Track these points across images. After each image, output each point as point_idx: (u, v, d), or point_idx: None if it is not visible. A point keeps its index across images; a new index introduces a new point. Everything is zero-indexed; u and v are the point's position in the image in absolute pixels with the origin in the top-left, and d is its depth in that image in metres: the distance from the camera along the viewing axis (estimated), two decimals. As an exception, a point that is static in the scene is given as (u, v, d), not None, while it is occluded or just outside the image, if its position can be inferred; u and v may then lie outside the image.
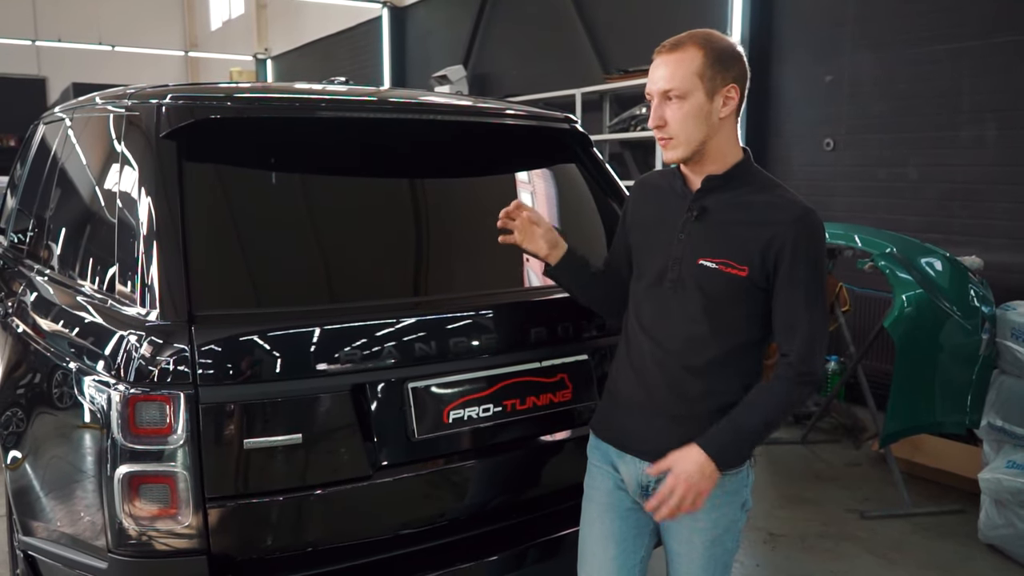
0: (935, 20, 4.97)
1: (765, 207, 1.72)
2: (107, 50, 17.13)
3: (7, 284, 3.05)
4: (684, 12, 6.69)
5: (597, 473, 1.92)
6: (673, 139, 1.72)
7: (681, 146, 1.72)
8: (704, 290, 1.73)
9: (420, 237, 2.23)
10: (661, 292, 1.78)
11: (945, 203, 4.99)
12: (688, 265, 1.74)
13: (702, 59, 1.70)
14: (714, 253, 1.72)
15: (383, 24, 11.35)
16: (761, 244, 1.68)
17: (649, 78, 1.75)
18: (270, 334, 1.84)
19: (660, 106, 1.72)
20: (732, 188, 1.75)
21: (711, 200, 1.75)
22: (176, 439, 1.74)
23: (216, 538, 1.80)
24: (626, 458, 1.85)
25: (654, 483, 1.78)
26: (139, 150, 2.04)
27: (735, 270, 1.70)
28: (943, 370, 3.66)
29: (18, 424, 2.32)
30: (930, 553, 3.48)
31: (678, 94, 1.69)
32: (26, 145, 3.74)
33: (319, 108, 2.17)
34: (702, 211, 1.75)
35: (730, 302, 1.73)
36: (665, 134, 1.72)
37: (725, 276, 1.70)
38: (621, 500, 1.88)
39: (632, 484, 1.85)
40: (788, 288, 1.69)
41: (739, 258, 1.70)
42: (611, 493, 1.89)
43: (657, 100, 1.72)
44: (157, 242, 1.86)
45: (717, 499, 1.78)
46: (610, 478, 1.89)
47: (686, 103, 1.69)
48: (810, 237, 1.69)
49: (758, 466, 4.49)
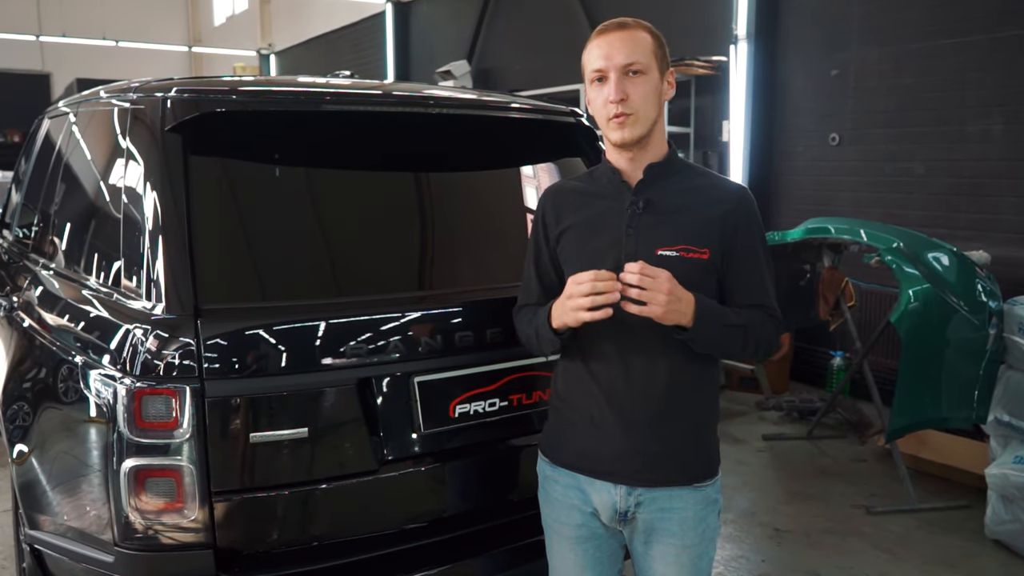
0: (940, 14, 4.94)
1: (709, 189, 1.74)
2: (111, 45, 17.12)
3: (12, 279, 3.05)
4: (689, 6, 6.67)
5: (562, 506, 1.80)
6: (633, 115, 1.66)
7: (640, 123, 1.67)
8: None
9: (426, 231, 2.22)
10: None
11: (951, 198, 4.97)
12: (645, 259, 1.63)
13: (651, 40, 1.70)
14: (671, 241, 1.67)
15: (387, 19, 11.34)
16: (718, 224, 1.69)
17: (600, 56, 1.68)
18: (276, 328, 1.84)
19: (621, 81, 1.66)
20: (671, 175, 1.74)
21: (654, 190, 1.71)
22: (182, 433, 1.74)
23: (222, 532, 1.79)
24: (597, 484, 1.74)
25: (633, 508, 1.72)
26: (144, 144, 2.03)
27: (697, 254, 1.67)
28: (950, 365, 3.64)
29: (24, 418, 2.32)
30: (936, 548, 3.47)
31: (640, 68, 1.66)
32: (30, 140, 3.74)
33: (324, 102, 2.16)
34: (648, 202, 1.70)
35: (695, 289, 1.64)
36: (627, 109, 1.66)
37: (688, 262, 1.66)
38: (593, 529, 1.78)
39: (607, 511, 1.75)
40: (751, 261, 1.72)
41: (699, 241, 1.67)
42: (581, 525, 1.78)
43: (616, 75, 1.66)
44: (163, 236, 1.86)
45: (700, 512, 1.74)
46: (577, 510, 1.78)
47: (647, 79, 1.67)
48: (755, 212, 1.76)
49: (763, 461, 4.49)
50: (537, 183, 2.50)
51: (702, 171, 1.82)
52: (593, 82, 1.71)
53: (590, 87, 1.73)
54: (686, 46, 6.51)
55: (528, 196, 2.43)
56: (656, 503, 1.72)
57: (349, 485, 1.91)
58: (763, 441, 4.80)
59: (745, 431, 4.98)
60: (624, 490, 1.72)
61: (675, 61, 6.35)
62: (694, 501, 1.73)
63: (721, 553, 3.44)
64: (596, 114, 1.74)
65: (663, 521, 1.73)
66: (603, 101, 1.68)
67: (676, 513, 1.72)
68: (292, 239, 2.03)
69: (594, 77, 1.70)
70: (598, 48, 1.69)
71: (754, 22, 5.97)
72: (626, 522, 1.75)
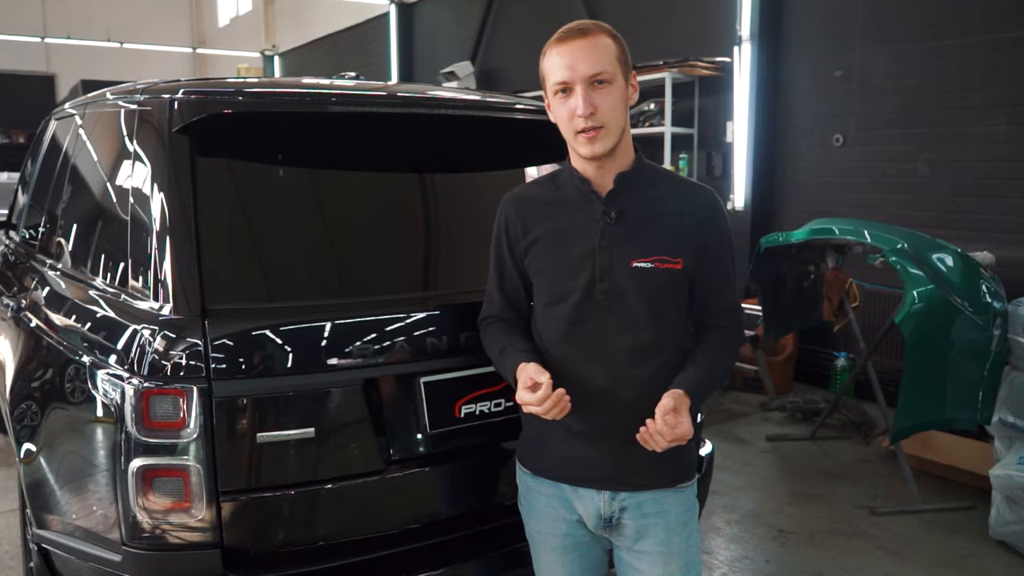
0: (945, 15, 4.94)
1: (676, 196, 1.71)
2: (115, 47, 17.18)
3: (20, 280, 3.06)
4: (692, 7, 6.67)
5: (546, 517, 1.79)
6: (603, 127, 1.60)
7: (611, 135, 1.61)
8: (643, 293, 1.65)
9: (432, 232, 2.23)
10: (592, 308, 1.66)
11: (956, 199, 4.96)
12: (621, 271, 1.64)
13: (615, 45, 1.62)
14: (645, 252, 1.64)
15: (390, 20, 11.35)
16: (691, 232, 1.68)
17: (563, 66, 1.60)
18: (283, 328, 1.85)
19: (588, 93, 1.58)
20: (639, 184, 1.68)
21: (624, 200, 1.66)
22: (189, 433, 1.75)
23: (229, 531, 1.80)
24: (580, 491, 1.73)
25: (617, 513, 1.72)
26: (151, 145, 2.04)
27: (671, 264, 1.65)
28: (954, 366, 3.64)
29: (32, 418, 2.33)
30: (940, 549, 3.47)
31: (607, 77, 1.59)
32: (37, 142, 3.75)
33: (331, 103, 2.16)
34: (620, 213, 1.65)
35: (670, 299, 1.68)
36: (596, 122, 1.59)
37: (663, 273, 1.65)
38: (579, 538, 1.78)
39: (592, 518, 1.74)
40: (720, 270, 1.73)
41: (672, 251, 1.66)
42: (568, 535, 1.78)
43: (583, 87, 1.58)
44: (170, 237, 1.87)
45: (683, 516, 1.74)
46: (563, 519, 1.77)
47: (613, 88, 1.60)
48: (725, 218, 1.76)
49: (767, 462, 4.49)
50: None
51: (668, 175, 1.79)
52: (556, 94, 1.62)
53: (553, 99, 1.64)
54: (689, 47, 6.52)
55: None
56: (641, 508, 1.72)
57: (355, 485, 1.92)
58: (767, 442, 4.80)
59: (749, 432, 4.98)
60: (608, 495, 1.71)
61: (678, 62, 6.36)
62: (677, 503, 1.74)
63: (725, 554, 3.44)
64: (562, 127, 1.66)
65: (648, 527, 1.72)
66: (569, 114, 1.61)
67: (661, 517, 1.72)
68: (298, 240, 2.04)
69: (557, 89, 1.62)
70: (560, 57, 1.60)
71: (758, 23, 5.97)
72: (611, 528, 1.74)
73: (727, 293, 1.76)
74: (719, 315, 1.76)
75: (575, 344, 1.68)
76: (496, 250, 1.82)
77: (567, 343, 1.69)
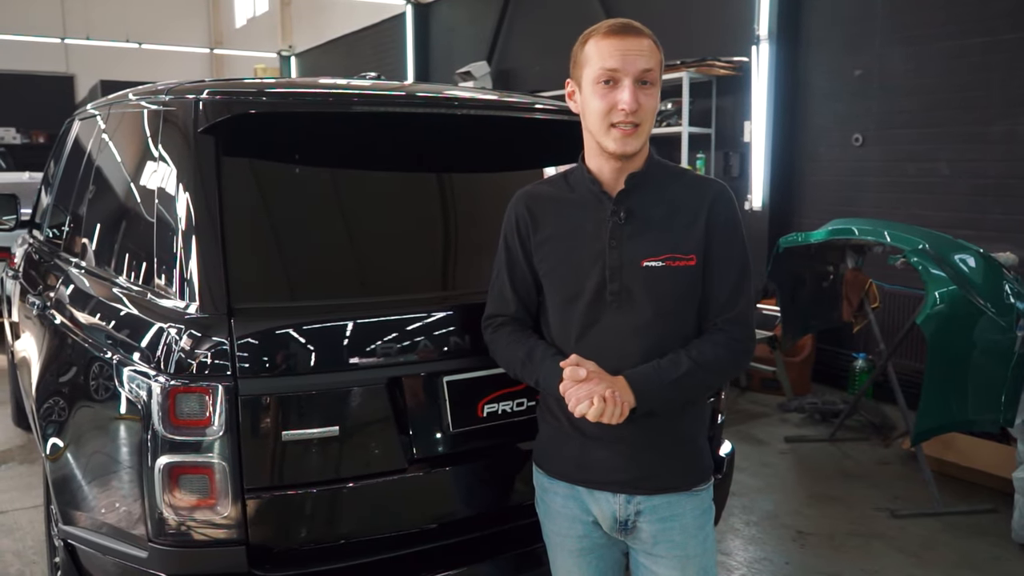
0: (966, 13, 4.90)
1: (685, 192, 1.67)
2: (134, 47, 17.32)
3: (44, 278, 3.10)
4: (710, 6, 6.65)
5: (562, 518, 1.77)
6: (640, 126, 1.59)
7: (643, 136, 1.60)
8: (654, 293, 1.63)
9: (454, 232, 2.24)
10: (602, 309, 1.65)
11: (977, 199, 4.92)
12: (631, 272, 1.62)
13: (658, 51, 1.62)
14: (656, 251, 1.62)
15: (407, 20, 11.38)
16: (701, 228, 1.64)
17: (616, 57, 1.56)
18: (307, 327, 1.86)
19: (636, 90, 1.56)
20: (649, 183, 1.67)
21: (634, 199, 1.65)
22: (215, 430, 1.76)
23: (254, 529, 1.82)
24: (596, 494, 1.72)
25: (633, 517, 1.70)
26: (176, 145, 2.06)
27: (684, 261, 1.62)
28: (976, 367, 3.61)
29: (58, 414, 2.36)
30: (962, 553, 3.44)
31: (653, 79, 1.59)
32: (60, 142, 3.79)
33: (353, 103, 2.18)
34: (630, 212, 1.64)
35: (682, 298, 1.65)
36: (636, 119, 1.57)
37: (675, 271, 1.62)
38: (595, 540, 1.77)
39: (607, 520, 1.72)
40: (725, 263, 1.66)
41: (684, 248, 1.63)
42: (584, 536, 1.76)
43: (632, 82, 1.56)
44: (196, 236, 1.88)
45: (699, 519, 1.72)
46: (579, 521, 1.76)
47: (655, 90, 1.60)
48: (733, 210, 1.69)
49: (785, 463, 4.47)
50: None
51: (679, 172, 1.74)
52: (599, 83, 1.58)
53: (593, 87, 1.59)
54: (707, 46, 6.49)
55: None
56: (656, 512, 1.70)
57: (379, 483, 1.93)
58: (785, 443, 4.78)
59: (767, 433, 4.96)
60: (623, 499, 1.70)
61: (696, 61, 6.34)
62: (692, 507, 1.72)
63: (743, 555, 3.43)
64: (594, 118, 1.61)
65: (665, 531, 1.70)
66: (609, 106, 1.58)
67: (677, 521, 1.70)
68: (322, 239, 2.05)
69: (604, 77, 1.57)
70: (611, 47, 1.57)
71: (776, 22, 5.94)
72: (627, 531, 1.72)
73: (731, 292, 1.66)
74: (719, 313, 1.66)
75: (587, 345, 1.66)
76: (505, 248, 1.80)
77: (579, 344, 1.67)
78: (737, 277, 1.67)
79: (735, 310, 1.66)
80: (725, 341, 1.65)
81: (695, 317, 1.69)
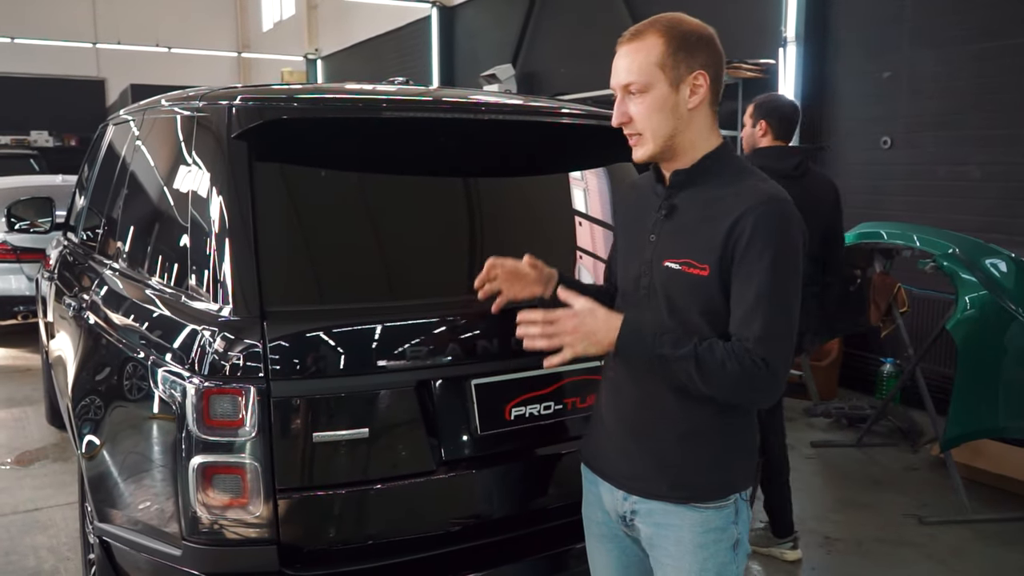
0: (996, 15, 4.84)
1: (730, 198, 1.55)
2: (163, 52, 17.57)
3: (79, 280, 3.16)
4: (737, 9, 6.62)
5: (588, 504, 1.82)
6: (640, 135, 1.59)
7: (649, 143, 1.59)
8: (668, 294, 1.60)
9: (482, 235, 2.26)
10: (636, 300, 1.66)
11: (1009, 202, 4.86)
12: (656, 268, 1.62)
13: (663, 47, 1.55)
14: (677, 253, 1.59)
15: (432, 24, 11.45)
16: (722, 238, 1.52)
17: (612, 72, 1.61)
18: (338, 331, 1.88)
19: (623, 102, 1.59)
20: (700, 182, 1.61)
21: (680, 197, 1.63)
22: (248, 431, 1.79)
23: (285, 528, 1.84)
24: (604, 485, 1.73)
25: (630, 515, 1.68)
26: (210, 150, 2.09)
27: (696, 270, 1.56)
28: (1007, 374, 3.57)
29: (94, 414, 2.41)
30: (993, 561, 3.39)
31: (639, 88, 1.56)
32: (94, 147, 3.86)
33: (383, 108, 2.20)
34: (671, 209, 1.63)
35: (692, 305, 1.58)
36: (632, 130, 1.59)
37: (686, 277, 1.57)
38: (613, 529, 1.76)
39: (612, 513, 1.73)
40: (743, 282, 1.51)
41: (700, 256, 1.55)
42: (602, 523, 1.78)
43: (620, 95, 1.60)
44: (230, 240, 1.92)
45: (699, 538, 1.61)
46: (598, 507, 1.78)
47: (648, 96, 1.56)
48: (768, 226, 1.50)
49: (812, 468, 4.43)
50: (586, 187, 2.51)
51: (741, 175, 1.60)
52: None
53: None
54: (734, 48, 6.45)
55: (580, 201, 2.45)
56: (652, 516, 1.65)
57: (407, 485, 1.95)
58: (812, 448, 4.75)
59: (793, 438, 4.91)
60: (621, 495, 1.69)
61: (722, 64, 6.30)
62: (691, 523, 1.61)
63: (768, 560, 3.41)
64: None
65: (659, 537, 1.65)
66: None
67: (672, 531, 1.63)
68: (353, 243, 2.07)
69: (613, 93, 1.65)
70: (613, 63, 1.62)
71: (803, 24, 5.91)
72: (628, 527, 1.71)
73: (746, 313, 1.51)
74: (737, 332, 1.52)
75: None
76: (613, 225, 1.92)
77: None
78: (753, 301, 1.50)
79: (748, 339, 1.50)
80: (741, 355, 1.48)
81: (710, 328, 1.56)
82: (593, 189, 2.52)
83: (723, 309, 1.56)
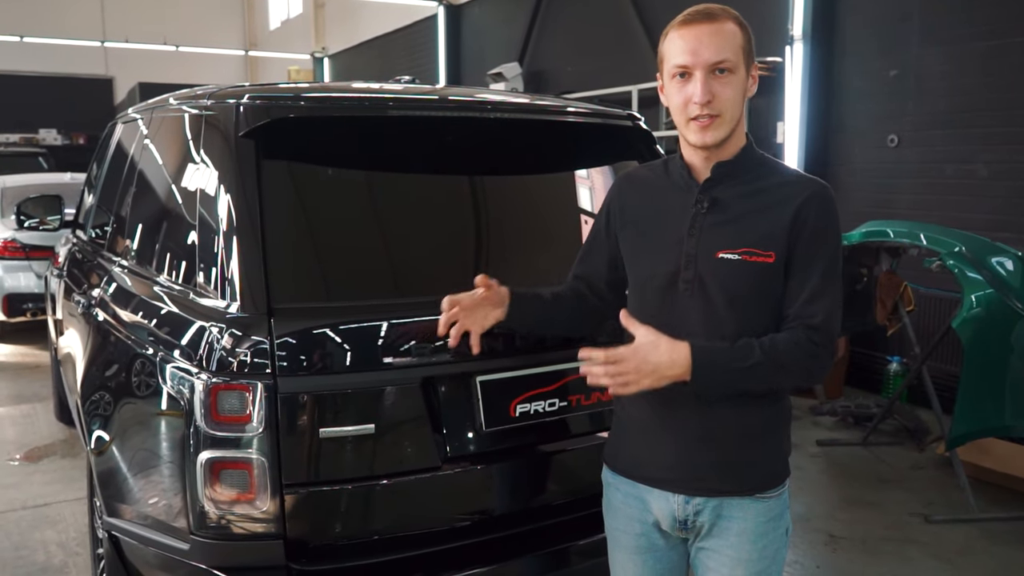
0: (1004, 12, 4.82)
1: (780, 188, 1.61)
2: (171, 50, 17.64)
3: (87, 277, 3.18)
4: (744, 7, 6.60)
5: (622, 514, 1.76)
6: (719, 116, 1.56)
7: (725, 125, 1.58)
8: (726, 286, 1.59)
9: (488, 233, 2.27)
10: (675, 296, 1.63)
11: (1017, 200, 4.84)
12: (706, 262, 1.59)
13: (741, 34, 1.57)
14: (734, 244, 1.58)
15: (439, 22, 11.46)
16: (786, 225, 1.56)
17: (685, 50, 1.56)
18: (344, 327, 1.90)
19: (708, 81, 1.55)
20: (741, 175, 1.63)
21: (721, 189, 1.62)
22: (255, 427, 1.81)
23: (292, 523, 1.86)
24: (655, 492, 1.69)
25: (692, 516, 1.66)
26: (218, 149, 2.11)
27: (761, 257, 1.56)
28: (1014, 372, 3.56)
29: (103, 409, 2.43)
30: (999, 560, 3.39)
31: (730, 67, 1.55)
32: (103, 145, 3.89)
33: (389, 107, 2.22)
34: (713, 202, 1.61)
35: (755, 294, 1.58)
36: (713, 111, 1.56)
37: (750, 266, 1.57)
38: (653, 540, 1.73)
39: (667, 519, 1.69)
40: (807, 265, 1.57)
41: (764, 244, 1.57)
42: (641, 535, 1.73)
43: (703, 74, 1.55)
44: (237, 237, 1.93)
45: (762, 527, 1.64)
46: (637, 520, 1.73)
47: (734, 78, 1.56)
48: (830, 210, 1.60)
49: (818, 467, 4.43)
50: (592, 186, 2.52)
51: (777, 167, 1.67)
52: (674, 77, 1.58)
53: (669, 82, 1.61)
54: (740, 47, 6.45)
55: (586, 199, 2.45)
56: (716, 510, 1.66)
57: (413, 481, 1.96)
58: (818, 446, 4.74)
59: (799, 436, 4.91)
60: (682, 499, 1.67)
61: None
62: (755, 512, 1.65)
63: (775, 558, 3.41)
64: (675, 113, 1.62)
65: (720, 529, 1.66)
66: (684, 100, 1.57)
67: (735, 523, 1.65)
68: (359, 241, 2.09)
69: (676, 72, 1.58)
70: (682, 40, 1.56)
71: (810, 22, 5.89)
72: (687, 529, 1.69)
73: (811, 295, 1.57)
74: (799, 317, 1.58)
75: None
76: (595, 222, 1.85)
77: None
78: (819, 281, 1.57)
79: (815, 317, 1.56)
80: (802, 341, 1.55)
81: (769, 315, 1.61)
82: (599, 188, 2.52)
83: (781, 294, 1.60)
